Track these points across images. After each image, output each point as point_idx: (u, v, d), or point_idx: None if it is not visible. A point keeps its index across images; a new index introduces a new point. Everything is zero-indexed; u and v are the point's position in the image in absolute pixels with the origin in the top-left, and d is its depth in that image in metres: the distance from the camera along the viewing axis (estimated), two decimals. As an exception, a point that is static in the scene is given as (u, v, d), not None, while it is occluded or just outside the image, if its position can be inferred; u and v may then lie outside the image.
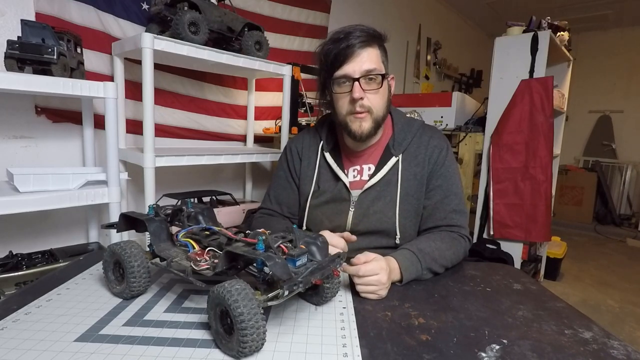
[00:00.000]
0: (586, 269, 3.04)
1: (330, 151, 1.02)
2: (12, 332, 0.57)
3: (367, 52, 0.88)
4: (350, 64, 0.87)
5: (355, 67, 0.87)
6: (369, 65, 0.87)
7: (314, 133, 1.08)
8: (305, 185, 1.04)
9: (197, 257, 0.63)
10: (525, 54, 1.97)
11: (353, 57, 0.87)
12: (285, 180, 1.08)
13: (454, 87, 4.60)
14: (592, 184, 4.57)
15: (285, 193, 1.08)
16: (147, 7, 1.70)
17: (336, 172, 0.99)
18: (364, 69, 0.87)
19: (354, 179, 0.99)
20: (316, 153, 1.04)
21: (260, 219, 1.08)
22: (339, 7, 2.75)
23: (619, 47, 4.97)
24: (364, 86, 0.88)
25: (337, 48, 0.87)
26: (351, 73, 0.87)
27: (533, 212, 2.00)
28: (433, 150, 0.96)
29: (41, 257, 1.30)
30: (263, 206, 1.12)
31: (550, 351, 0.57)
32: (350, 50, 0.86)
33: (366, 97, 0.89)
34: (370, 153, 1.00)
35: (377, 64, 0.89)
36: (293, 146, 1.09)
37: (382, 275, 0.72)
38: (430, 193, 0.95)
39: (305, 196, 1.02)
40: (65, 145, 1.55)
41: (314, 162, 1.03)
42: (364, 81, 0.88)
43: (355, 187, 0.98)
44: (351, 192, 0.97)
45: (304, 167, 1.05)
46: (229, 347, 0.52)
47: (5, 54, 1.13)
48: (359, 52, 0.87)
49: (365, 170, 0.99)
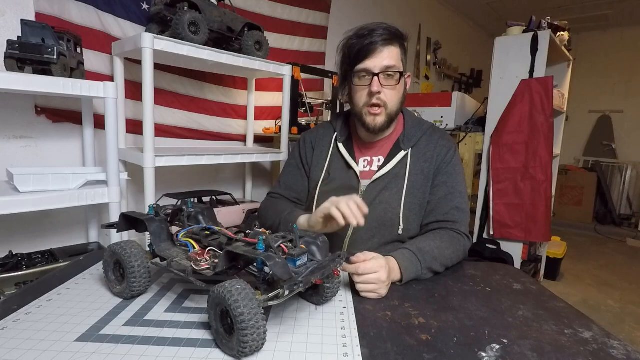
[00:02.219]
0: (586, 269, 3.05)
1: (344, 142, 1.06)
2: (13, 332, 0.57)
3: (388, 49, 0.92)
4: (372, 59, 0.91)
5: (376, 63, 0.91)
6: (389, 62, 0.91)
7: (329, 125, 1.12)
8: (316, 173, 1.06)
9: (197, 257, 0.63)
10: (525, 54, 1.98)
11: (375, 53, 0.91)
12: (295, 167, 1.12)
13: (454, 87, 4.60)
14: (592, 184, 4.57)
15: (294, 179, 1.12)
16: (147, 7, 1.70)
17: (348, 161, 1.02)
18: (384, 65, 0.91)
19: (364, 169, 1.02)
20: (329, 143, 1.07)
21: (267, 201, 1.12)
22: (339, 7, 2.75)
23: (619, 47, 4.98)
24: (383, 81, 0.92)
25: (360, 43, 0.92)
26: (372, 68, 0.91)
27: (533, 212, 2.00)
28: (442, 148, 1.00)
29: (41, 257, 1.30)
30: (272, 191, 1.15)
31: (551, 351, 0.57)
32: (373, 46, 0.91)
33: (383, 92, 0.93)
34: (382, 146, 1.03)
35: (396, 61, 0.93)
36: (307, 137, 1.13)
37: (382, 273, 0.73)
38: (434, 189, 0.98)
39: (316, 182, 1.05)
40: (65, 145, 1.55)
41: (326, 151, 1.07)
42: (383, 77, 0.92)
43: (365, 177, 1.01)
44: (361, 182, 1.00)
45: (316, 156, 1.08)
46: (230, 347, 0.52)
47: (5, 54, 1.13)
48: (381, 49, 0.91)
49: (375, 161, 1.02)
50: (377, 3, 3.20)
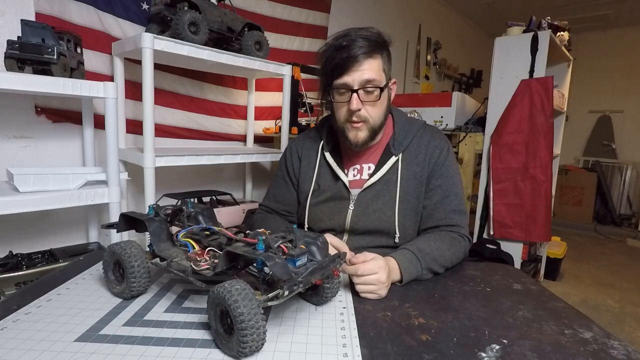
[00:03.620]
0: (586, 269, 3.04)
1: (330, 151, 1.03)
2: (13, 332, 0.57)
3: (368, 63, 0.87)
4: (350, 74, 0.87)
5: (355, 78, 0.86)
6: (369, 76, 0.86)
7: (315, 133, 1.09)
8: (305, 184, 1.04)
9: (197, 257, 0.63)
10: (525, 54, 1.97)
11: (353, 67, 0.86)
12: (282, 179, 1.10)
13: (454, 87, 4.60)
14: (592, 184, 4.57)
15: (282, 192, 1.09)
16: (147, 7, 1.70)
17: (336, 172, 1.00)
18: (364, 79, 0.87)
19: (354, 178, 1.00)
20: (316, 153, 1.05)
21: (258, 216, 1.11)
22: (339, 7, 2.75)
23: (619, 47, 4.97)
24: (363, 97, 0.88)
25: (338, 57, 0.86)
26: (350, 83, 0.87)
27: (533, 212, 2.00)
28: (434, 150, 0.96)
29: (41, 257, 1.31)
30: (262, 204, 1.14)
31: (551, 351, 0.57)
32: (352, 60, 0.86)
33: (364, 108, 0.89)
34: (371, 153, 1.01)
35: (377, 74, 0.88)
36: (293, 146, 1.10)
37: (381, 274, 0.72)
38: (430, 193, 0.96)
39: (305, 194, 1.03)
40: (65, 145, 1.55)
41: (314, 162, 1.04)
42: (363, 92, 0.88)
43: (355, 185, 0.98)
44: (350, 191, 0.98)
45: (303, 167, 1.06)
46: (229, 347, 0.52)
47: (5, 54, 1.13)
48: (360, 62, 0.86)
49: (365, 169, 1.00)
50: (377, 3, 3.20)
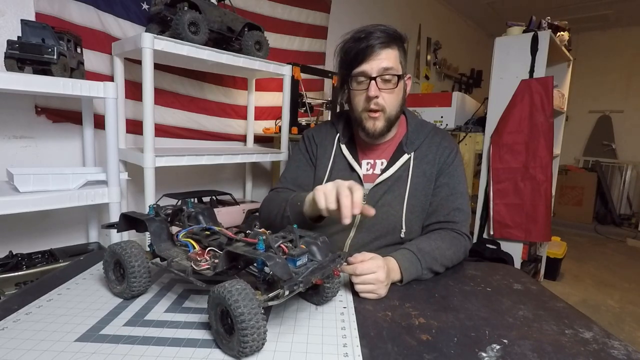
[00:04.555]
0: (586, 269, 3.05)
1: (346, 143, 1.05)
2: (13, 332, 0.57)
3: (385, 52, 0.90)
4: (369, 62, 0.90)
5: (373, 66, 0.90)
6: (387, 64, 0.90)
7: (331, 125, 1.11)
8: (319, 171, 1.06)
9: (197, 257, 0.63)
10: (525, 54, 1.98)
11: (372, 56, 0.90)
12: (303, 161, 1.10)
13: (454, 87, 4.60)
14: (592, 184, 4.57)
15: (303, 174, 1.09)
16: (147, 7, 1.70)
17: (351, 164, 1.02)
18: (381, 67, 0.90)
19: (367, 172, 1.02)
20: (332, 143, 1.06)
21: (271, 194, 1.08)
22: (339, 7, 2.75)
23: (619, 47, 4.97)
24: (380, 85, 0.91)
25: (357, 47, 0.90)
26: (369, 71, 0.90)
27: (533, 212, 2.00)
28: (444, 150, 0.99)
29: (41, 257, 1.30)
30: (276, 187, 1.11)
31: (551, 351, 0.57)
32: (370, 49, 0.89)
33: (381, 96, 0.92)
34: (384, 148, 1.03)
35: (394, 64, 0.91)
36: (310, 134, 1.12)
37: (380, 273, 0.72)
38: (436, 190, 0.98)
39: (319, 182, 1.03)
40: (65, 145, 1.55)
41: (329, 151, 1.06)
42: (381, 80, 0.91)
43: (368, 180, 1.00)
44: (364, 185, 0.99)
45: (320, 154, 1.08)
46: (230, 347, 0.52)
47: (5, 54, 1.13)
48: (378, 52, 0.90)
49: (378, 164, 1.02)
50: (377, 3, 3.20)
